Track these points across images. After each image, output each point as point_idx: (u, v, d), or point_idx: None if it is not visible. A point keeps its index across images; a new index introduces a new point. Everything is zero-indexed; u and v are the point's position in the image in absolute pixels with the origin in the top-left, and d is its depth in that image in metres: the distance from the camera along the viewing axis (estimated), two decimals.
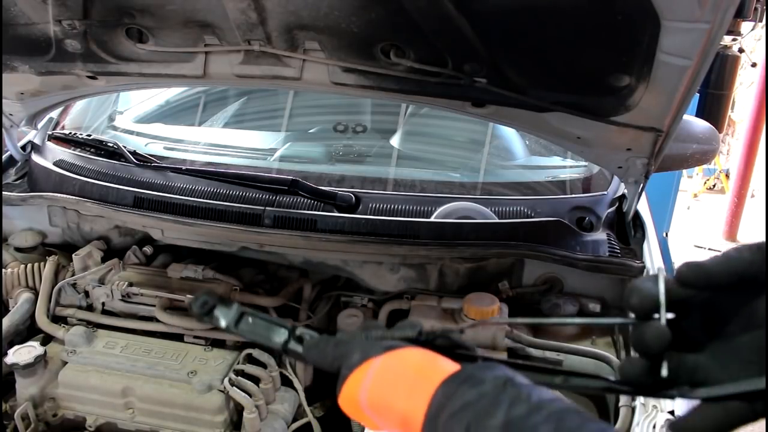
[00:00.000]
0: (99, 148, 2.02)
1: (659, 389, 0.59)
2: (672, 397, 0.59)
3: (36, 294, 1.80)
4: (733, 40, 3.83)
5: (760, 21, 3.61)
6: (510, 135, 2.08)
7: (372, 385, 0.73)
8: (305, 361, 0.85)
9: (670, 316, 0.58)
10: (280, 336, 0.84)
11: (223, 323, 0.85)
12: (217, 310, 0.86)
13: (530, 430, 0.54)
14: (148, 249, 1.91)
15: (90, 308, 1.81)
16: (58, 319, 1.78)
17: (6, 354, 1.56)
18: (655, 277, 0.59)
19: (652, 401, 1.25)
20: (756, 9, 3.21)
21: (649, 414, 1.23)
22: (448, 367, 0.70)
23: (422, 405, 0.66)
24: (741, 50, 4.01)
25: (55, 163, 2.01)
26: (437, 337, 0.76)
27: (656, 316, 0.58)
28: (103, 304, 1.79)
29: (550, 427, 0.54)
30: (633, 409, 1.28)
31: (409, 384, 0.70)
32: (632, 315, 0.60)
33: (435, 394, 0.65)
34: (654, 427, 1.19)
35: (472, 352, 0.75)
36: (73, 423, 1.57)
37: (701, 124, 2.04)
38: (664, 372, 0.57)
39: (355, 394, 0.75)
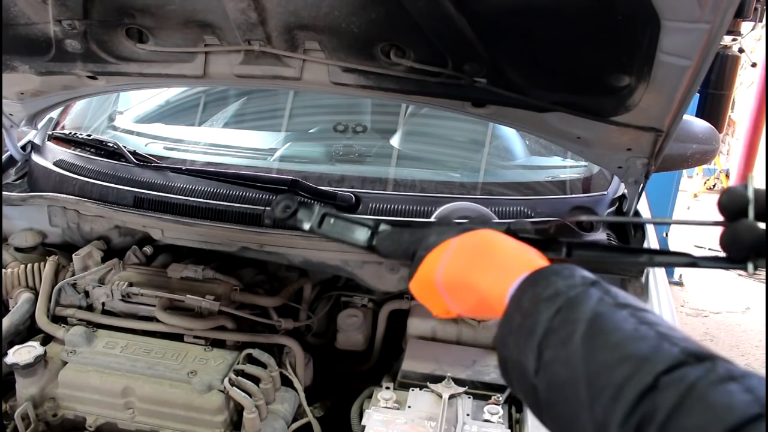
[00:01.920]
0: (99, 148, 2.02)
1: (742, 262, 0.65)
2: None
3: (36, 294, 1.80)
4: (733, 40, 3.84)
5: (760, 21, 3.61)
6: (510, 135, 2.08)
7: (450, 263, 0.78)
8: (381, 254, 0.88)
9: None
10: (363, 234, 0.87)
11: (306, 226, 0.89)
12: (300, 213, 0.88)
13: (617, 322, 0.61)
14: (148, 249, 1.91)
15: (90, 308, 1.81)
16: (58, 319, 1.78)
17: (6, 354, 1.56)
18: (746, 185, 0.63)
19: None
20: (756, 9, 3.21)
21: None
22: (536, 258, 0.76)
23: (507, 285, 0.72)
24: (741, 50, 4.01)
25: (55, 163, 2.01)
26: (514, 226, 0.81)
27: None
28: (103, 304, 1.79)
29: (634, 321, 0.61)
30: None
31: (493, 264, 0.75)
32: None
33: (526, 278, 0.71)
34: None
35: (547, 237, 0.80)
36: (73, 423, 1.57)
37: (701, 124, 2.04)
38: (750, 269, 0.64)
39: (431, 273, 0.79)
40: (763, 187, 0.64)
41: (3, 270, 1.84)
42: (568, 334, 0.62)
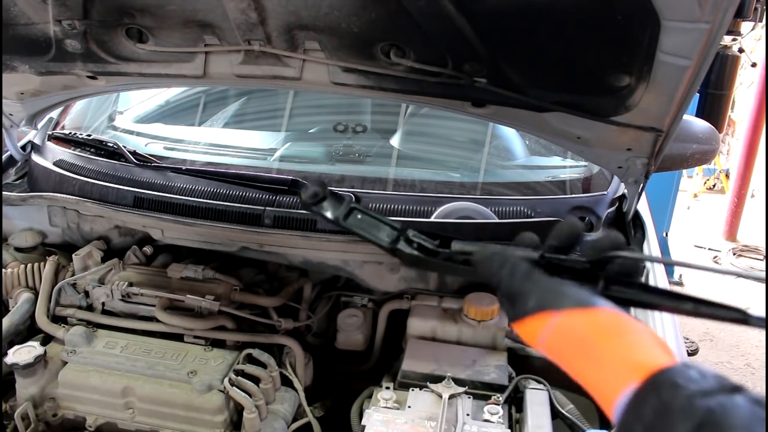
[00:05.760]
0: (99, 148, 2.02)
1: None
2: None
3: (36, 294, 1.80)
4: (733, 40, 3.84)
5: (760, 21, 3.61)
6: (510, 135, 2.08)
7: (553, 340, 0.67)
8: (407, 263, 0.87)
9: None
10: (387, 234, 0.86)
11: (330, 215, 0.87)
12: (327, 201, 0.88)
13: None
14: (148, 249, 1.91)
15: (90, 308, 1.81)
16: (58, 319, 1.78)
17: (6, 354, 1.56)
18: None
19: None
20: (756, 9, 3.22)
21: None
22: (661, 355, 0.61)
23: (617, 386, 0.59)
24: (741, 50, 4.02)
25: (55, 163, 2.01)
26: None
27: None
28: (103, 304, 1.79)
29: None
30: None
31: (605, 360, 0.63)
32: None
33: (645, 382, 0.58)
34: None
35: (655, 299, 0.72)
36: (73, 423, 1.57)
37: (701, 124, 2.04)
38: None
39: (533, 338, 0.70)
40: None
41: (3, 270, 1.84)
42: None
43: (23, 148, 2.15)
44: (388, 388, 1.47)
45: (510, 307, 0.73)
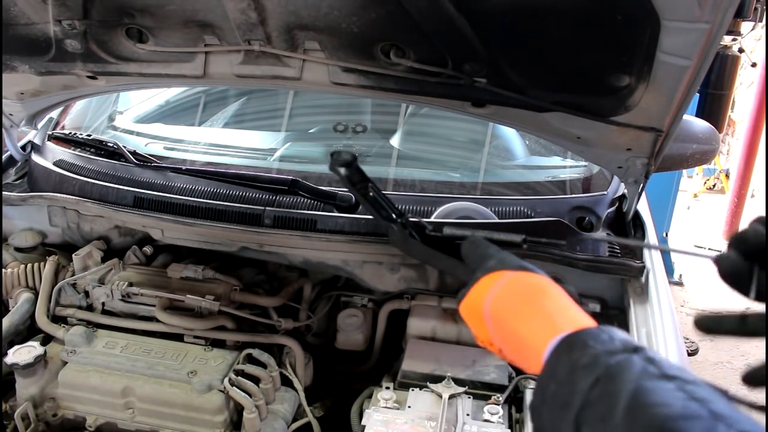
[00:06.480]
0: (99, 148, 2.02)
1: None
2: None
3: (36, 294, 1.80)
4: (733, 40, 3.84)
5: (760, 21, 3.62)
6: (510, 135, 2.08)
7: (498, 297, 0.79)
8: (403, 249, 1.03)
9: None
10: (387, 215, 1.01)
11: (348, 179, 1.01)
12: (351, 169, 1.01)
13: (664, 397, 0.55)
14: (148, 249, 1.91)
15: (90, 308, 1.81)
16: (58, 319, 1.78)
17: (6, 354, 1.56)
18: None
19: None
20: (756, 9, 3.22)
21: None
22: (581, 316, 0.75)
23: (545, 341, 0.70)
24: (741, 50, 4.02)
25: (55, 163, 2.01)
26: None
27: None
28: (103, 304, 1.79)
29: (683, 396, 0.55)
30: None
31: (537, 313, 0.75)
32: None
33: (562, 341, 0.68)
34: None
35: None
36: (73, 423, 1.57)
37: (701, 124, 2.04)
38: (752, 296, 0.63)
39: (480, 300, 0.81)
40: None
41: (3, 270, 1.84)
42: (608, 409, 0.57)
43: (23, 148, 2.15)
44: (388, 388, 1.47)
45: (470, 274, 0.87)
